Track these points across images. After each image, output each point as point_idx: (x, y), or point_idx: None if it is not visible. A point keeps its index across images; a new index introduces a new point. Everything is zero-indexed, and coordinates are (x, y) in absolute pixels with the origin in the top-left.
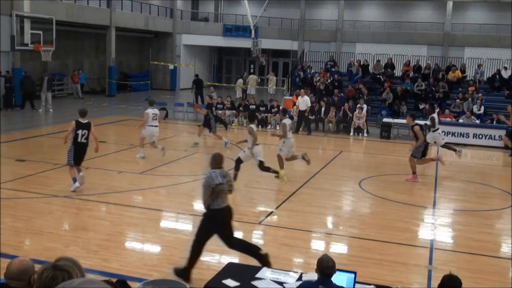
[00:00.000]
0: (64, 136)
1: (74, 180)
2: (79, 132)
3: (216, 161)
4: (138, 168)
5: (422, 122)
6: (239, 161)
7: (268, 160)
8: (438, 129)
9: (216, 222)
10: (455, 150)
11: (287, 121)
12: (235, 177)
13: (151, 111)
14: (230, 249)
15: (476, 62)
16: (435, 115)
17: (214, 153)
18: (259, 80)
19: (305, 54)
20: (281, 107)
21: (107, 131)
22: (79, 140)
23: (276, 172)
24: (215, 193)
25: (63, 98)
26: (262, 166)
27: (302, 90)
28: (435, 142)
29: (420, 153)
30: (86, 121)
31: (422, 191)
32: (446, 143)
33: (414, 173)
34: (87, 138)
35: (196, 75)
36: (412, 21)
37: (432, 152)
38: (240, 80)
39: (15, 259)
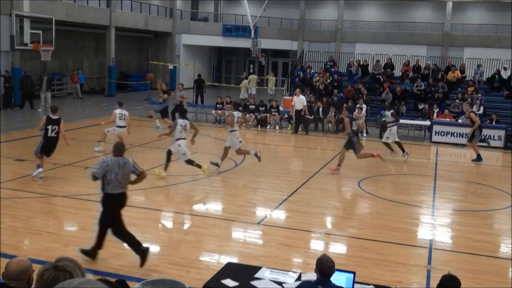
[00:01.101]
0: (38, 128)
1: (38, 166)
2: (49, 127)
3: (117, 149)
4: None
5: (423, 123)
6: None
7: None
8: (394, 125)
9: (109, 205)
10: (403, 151)
11: (236, 113)
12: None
13: (119, 111)
14: (114, 235)
15: (475, 62)
16: (394, 111)
17: (117, 142)
18: (259, 80)
19: (304, 54)
20: (280, 107)
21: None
22: (49, 134)
23: (199, 166)
24: (107, 178)
25: (63, 98)
26: (188, 160)
27: (297, 90)
28: (387, 138)
29: (359, 147)
30: (57, 117)
31: (421, 191)
32: (397, 142)
33: (339, 165)
34: (57, 133)
35: (199, 75)
36: (412, 22)
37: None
38: (245, 81)
39: (13, 259)
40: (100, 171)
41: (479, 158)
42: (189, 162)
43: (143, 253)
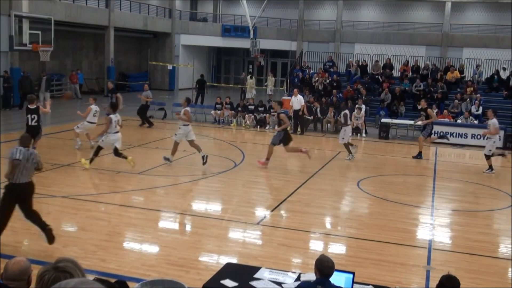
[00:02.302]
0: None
1: None
2: (29, 116)
3: (23, 141)
4: (136, 168)
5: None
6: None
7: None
8: (349, 125)
9: (15, 195)
10: (350, 152)
11: (189, 108)
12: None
13: (94, 108)
14: (26, 219)
15: (474, 62)
16: (347, 112)
17: (23, 134)
18: (254, 85)
19: (303, 54)
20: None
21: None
22: (30, 123)
23: (125, 157)
24: (13, 167)
25: (62, 98)
26: (116, 152)
27: (295, 90)
28: (343, 139)
29: (278, 141)
30: (35, 106)
31: (420, 191)
32: (346, 143)
33: (267, 159)
34: (37, 122)
35: (201, 75)
36: (411, 22)
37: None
38: (251, 81)
39: (12, 260)
40: (22, 156)
41: (419, 155)
42: (117, 154)
43: (49, 231)
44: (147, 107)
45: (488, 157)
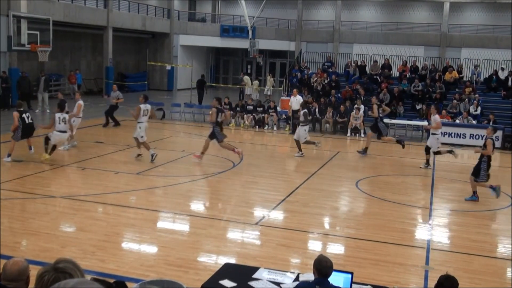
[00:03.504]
0: (13, 128)
1: (9, 155)
2: (24, 116)
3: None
4: (135, 168)
5: (420, 123)
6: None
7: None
8: (307, 125)
9: None
10: (300, 150)
11: (143, 106)
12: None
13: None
14: None
15: (473, 62)
16: (306, 111)
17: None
18: (257, 86)
19: (302, 54)
20: (277, 106)
21: (103, 132)
22: (27, 122)
23: (46, 150)
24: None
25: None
26: (46, 140)
27: (295, 90)
28: (299, 137)
29: (222, 136)
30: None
31: (419, 191)
32: (306, 141)
33: (202, 153)
34: (32, 119)
35: (202, 76)
36: (409, 22)
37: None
38: (256, 82)
39: (10, 260)
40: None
41: (364, 152)
42: (52, 148)
43: None
44: (116, 108)
45: (428, 151)
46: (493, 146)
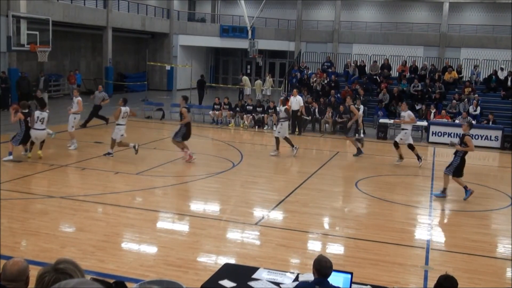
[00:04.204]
0: (14, 120)
1: (11, 153)
2: (29, 119)
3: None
4: (134, 169)
5: (420, 123)
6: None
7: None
8: (286, 121)
9: None
10: (277, 148)
11: (123, 108)
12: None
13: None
14: None
15: (472, 63)
16: (282, 108)
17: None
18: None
19: (301, 55)
20: (277, 107)
21: (103, 132)
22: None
23: (30, 150)
24: None
25: (60, 99)
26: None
27: (295, 90)
28: (278, 132)
29: (181, 137)
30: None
31: (418, 191)
32: (286, 137)
33: (182, 149)
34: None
35: (202, 76)
36: (409, 22)
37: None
38: (259, 82)
39: (10, 261)
40: None
41: (359, 152)
42: (31, 143)
43: None
44: (100, 108)
45: (397, 146)
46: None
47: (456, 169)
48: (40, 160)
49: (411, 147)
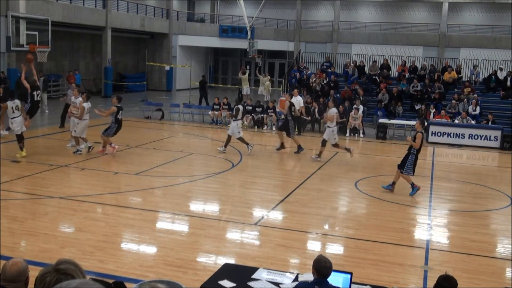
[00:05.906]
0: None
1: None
2: (34, 92)
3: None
4: (134, 169)
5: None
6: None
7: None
8: (239, 120)
9: None
10: (247, 144)
11: (86, 104)
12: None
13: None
14: None
15: (471, 63)
16: (240, 107)
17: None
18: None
19: (301, 55)
20: (276, 106)
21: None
22: (35, 99)
23: (22, 149)
24: None
25: (59, 99)
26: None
27: (295, 90)
28: (238, 132)
29: (112, 133)
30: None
31: (418, 191)
32: (240, 137)
33: (104, 146)
34: (41, 97)
35: (203, 76)
36: (408, 22)
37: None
38: (268, 79)
39: (9, 261)
40: None
41: (300, 149)
42: (20, 137)
43: None
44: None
45: (324, 143)
46: (422, 140)
47: (408, 166)
48: (40, 160)
49: (324, 143)
